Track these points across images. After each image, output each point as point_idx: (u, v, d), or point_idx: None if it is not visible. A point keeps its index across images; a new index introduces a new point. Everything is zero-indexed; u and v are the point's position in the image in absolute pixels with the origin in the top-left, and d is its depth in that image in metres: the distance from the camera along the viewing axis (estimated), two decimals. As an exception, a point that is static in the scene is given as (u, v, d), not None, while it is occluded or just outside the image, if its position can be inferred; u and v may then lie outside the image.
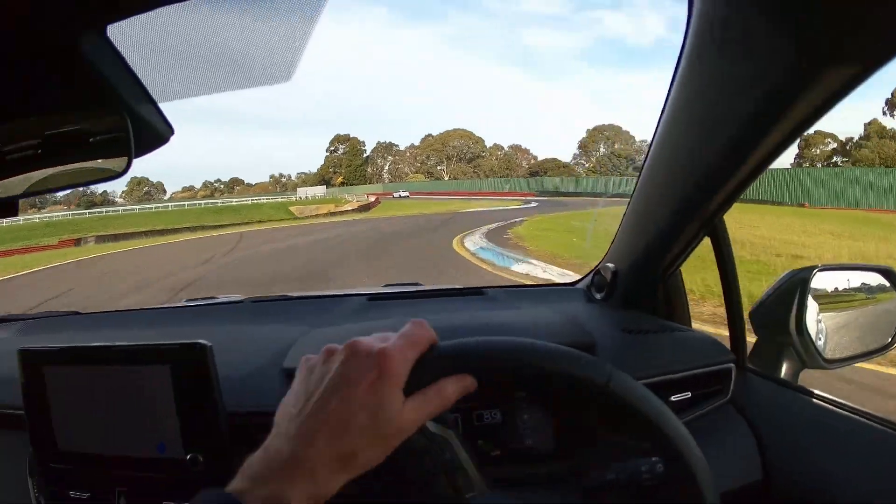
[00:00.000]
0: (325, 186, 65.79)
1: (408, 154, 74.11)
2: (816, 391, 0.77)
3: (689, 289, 0.91)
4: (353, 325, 0.90)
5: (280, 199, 48.86)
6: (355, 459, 0.38)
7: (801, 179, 23.57)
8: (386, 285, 1.24)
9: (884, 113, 38.02)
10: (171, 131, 0.66)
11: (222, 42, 0.66)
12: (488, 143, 69.71)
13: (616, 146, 62.19)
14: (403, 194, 49.05)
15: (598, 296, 0.94)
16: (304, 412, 0.39)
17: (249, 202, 46.08)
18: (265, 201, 46.65)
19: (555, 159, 67.20)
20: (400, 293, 1.10)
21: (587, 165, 63.41)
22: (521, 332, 0.41)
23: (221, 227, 25.29)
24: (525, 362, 0.41)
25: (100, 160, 0.63)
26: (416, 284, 1.24)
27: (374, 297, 1.06)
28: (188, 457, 0.67)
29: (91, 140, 0.63)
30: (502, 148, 69.79)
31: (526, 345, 0.42)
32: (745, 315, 0.82)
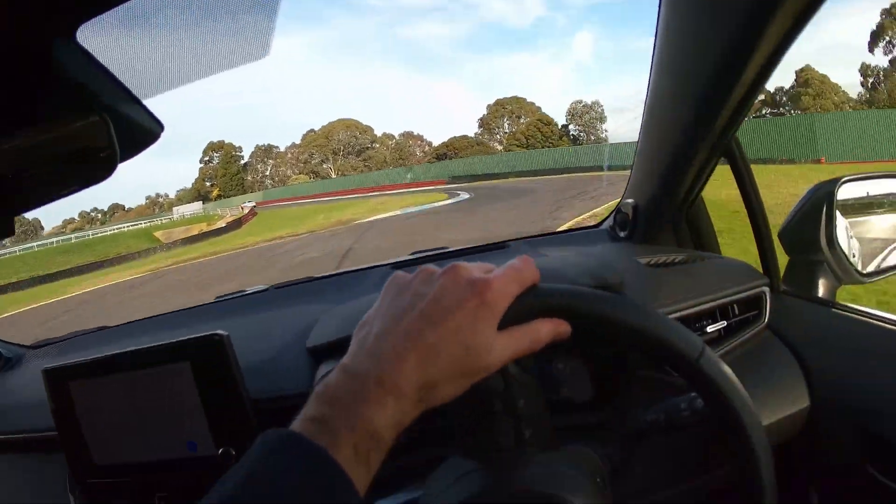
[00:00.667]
0: (201, 202, 58.51)
1: (289, 155, 67.59)
2: (857, 306, 0.74)
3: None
4: (375, 294, 0.88)
5: (144, 225, 41.13)
6: (435, 391, 0.35)
7: (813, 129, 19.82)
8: (413, 253, 1.21)
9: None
10: (160, 128, 0.65)
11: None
12: (377, 133, 61.60)
13: (522, 120, 56.13)
14: (249, 204, 41.22)
15: (621, 234, 0.92)
16: (395, 333, 0.36)
17: (110, 232, 39.17)
18: (126, 230, 38.93)
19: (464, 136, 58.10)
20: (424, 257, 1.08)
21: (503, 141, 55.98)
22: (547, 277, 0.40)
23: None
24: (623, 320, 0.39)
25: (86, 165, 0.61)
26: (443, 249, 1.23)
27: (397, 265, 1.04)
28: (220, 452, 0.66)
29: (74, 147, 0.61)
30: (393, 137, 61.32)
31: (628, 303, 0.40)
32: (774, 236, 0.79)
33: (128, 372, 0.69)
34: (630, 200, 0.86)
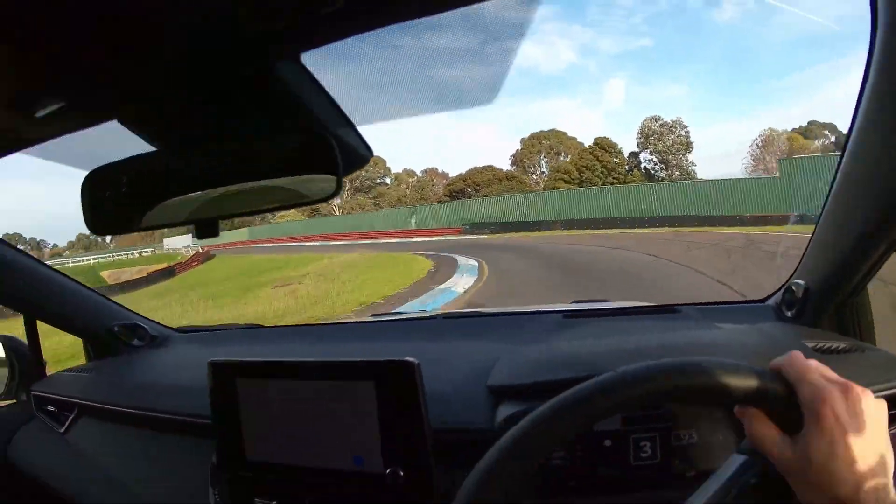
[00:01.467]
0: (191, 236, 49.02)
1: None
2: None
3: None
4: (554, 343, 0.90)
5: (90, 262, 35.25)
6: None
7: None
8: (575, 301, 1.24)
9: None
10: (370, 153, 0.67)
11: (422, 66, 0.67)
12: (398, 170, 48.58)
13: (562, 158, 38.61)
14: (193, 245, 31.87)
15: (788, 313, 0.92)
16: None
17: (67, 263, 32.64)
18: (71, 264, 32.38)
19: (489, 167, 40.61)
20: (594, 310, 1.10)
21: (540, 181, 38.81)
22: (722, 354, 0.42)
23: None
24: None
25: (306, 178, 0.63)
26: (605, 301, 1.25)
27: (568, 315, 1.06)
28: (387, 471, 0.68)
29: (293, 161, 0.64)
30: (415, 174, 48.63)
31: None
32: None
33: (303, 381, 0.70)
34: (801, 281, 0.88)
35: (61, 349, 2.61)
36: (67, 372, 1.28)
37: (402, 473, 0.67)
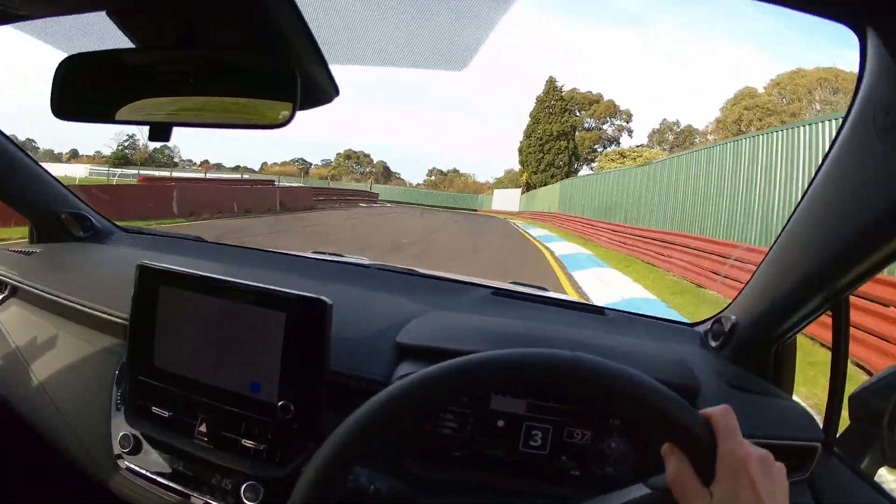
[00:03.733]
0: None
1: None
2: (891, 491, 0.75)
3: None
4: (474, 315, 0.91)
5: None
6: None
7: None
8: (512, 282, 1.25)
9: None
10: (335, 93, 0.67)
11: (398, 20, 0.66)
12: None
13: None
14: None
15: (713, 343, 0.93)
16: None
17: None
18: None
19: None
20: (523, 294, 1.11)
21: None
22: (637, 364, 0.42)
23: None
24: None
25: (261, 101, 0.64)
26: (542, 289, 1.25)
27: (497, 292, 1.07)
28: (280, 403, 0.69)
29: (256, 80, 0.64)
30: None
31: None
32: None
33: (223, 299, 0.72)
34: (732, 316, 0.87)
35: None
36: (5, 251, 1.26)
37: (292, 408, 0.68)
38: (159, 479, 0.75)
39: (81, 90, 0.66)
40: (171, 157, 56.72)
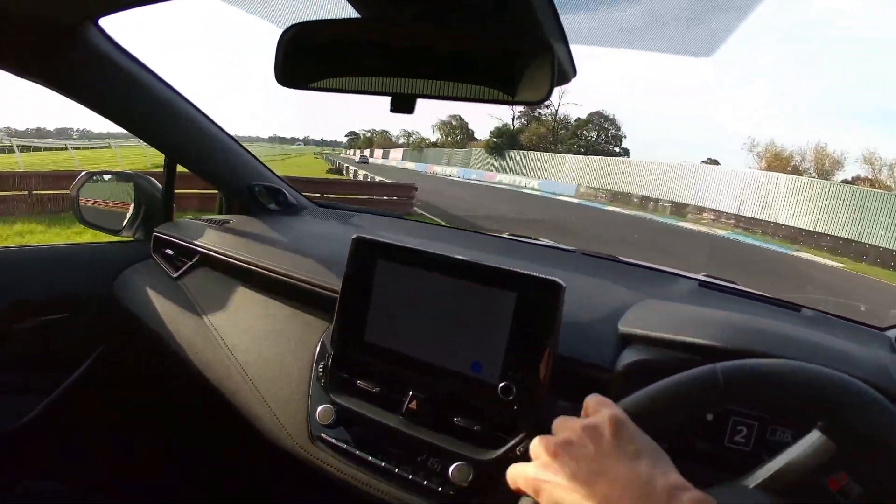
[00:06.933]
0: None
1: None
2: None
3: None
4: (687, 305, 0.88)
5: None
6: None
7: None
8: (707, 275, 1.21)
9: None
10: (574, 73, 0.63)
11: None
12: None
13: None
14: None
15: None
16: None
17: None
18: None
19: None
20: (729, 287, 1.07)
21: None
22: (841, 364, 0.47)
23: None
24: None
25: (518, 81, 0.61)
26: (735, 283, 1.20)
27: (703, 284, 1.04)
28: (501, 384, 0.66)
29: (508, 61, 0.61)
30: None
31: None
32: None
33: (444, 276, 0.70)
34: None
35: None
36: (195, 220, 1.29)
37: (514, 389, 0.66)
38: (360, 453, 0.74)
39: (308, 57, 0.65)
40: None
